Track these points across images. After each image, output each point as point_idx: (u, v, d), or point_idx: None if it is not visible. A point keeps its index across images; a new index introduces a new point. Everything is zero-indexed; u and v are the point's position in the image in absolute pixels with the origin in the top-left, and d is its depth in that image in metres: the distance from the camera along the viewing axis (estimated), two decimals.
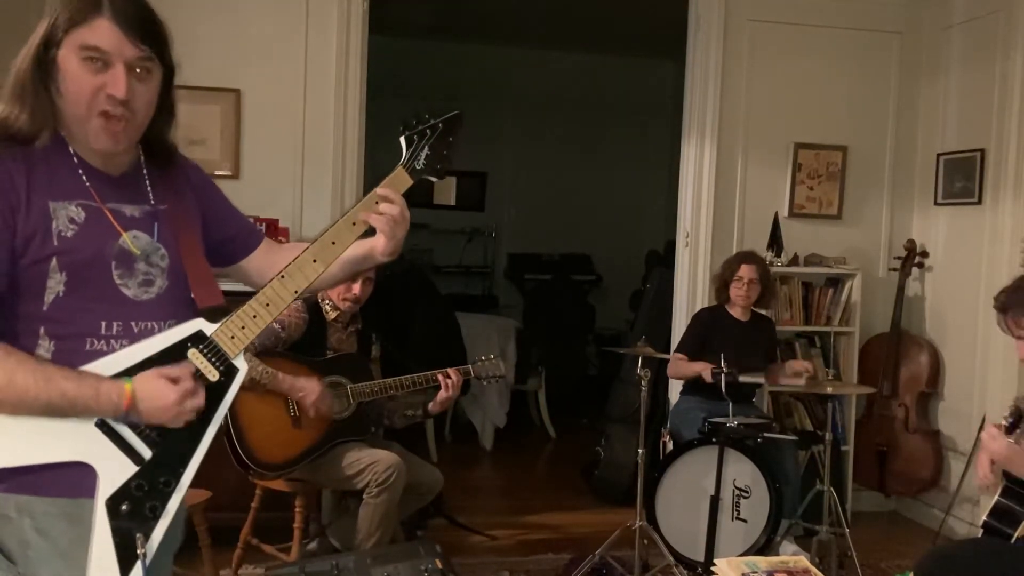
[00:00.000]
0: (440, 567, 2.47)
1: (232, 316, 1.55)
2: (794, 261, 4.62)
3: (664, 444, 3.87)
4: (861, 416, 4.71)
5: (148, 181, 1.60)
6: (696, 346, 4.01)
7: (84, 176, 1.51)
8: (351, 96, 4.23)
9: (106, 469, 1.45)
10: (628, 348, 4.08)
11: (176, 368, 1.48)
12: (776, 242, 4.58)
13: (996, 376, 4.19)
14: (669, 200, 6.00)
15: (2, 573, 1.44)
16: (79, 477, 1.44)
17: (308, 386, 3.08)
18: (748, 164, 4.66)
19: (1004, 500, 2.51)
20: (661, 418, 4.54)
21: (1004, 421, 2.36)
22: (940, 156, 4.63)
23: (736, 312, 4.07)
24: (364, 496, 3.13)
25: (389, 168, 1.69)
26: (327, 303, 3.33)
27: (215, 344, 1.53)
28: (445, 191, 8.08)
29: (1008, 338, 2.51)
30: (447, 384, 3.28)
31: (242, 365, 1.56)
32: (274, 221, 4.06)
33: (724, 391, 3.61)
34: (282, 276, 1.59)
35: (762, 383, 3.79)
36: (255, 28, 4.16)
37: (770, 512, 3.61)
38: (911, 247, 4.64)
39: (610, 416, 5.10)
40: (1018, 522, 2.47)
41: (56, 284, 1.46)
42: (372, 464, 3.13)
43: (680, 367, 4.00)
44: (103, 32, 1.43)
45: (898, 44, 4.77)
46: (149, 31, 1.48)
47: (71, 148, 1.51)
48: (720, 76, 4.57)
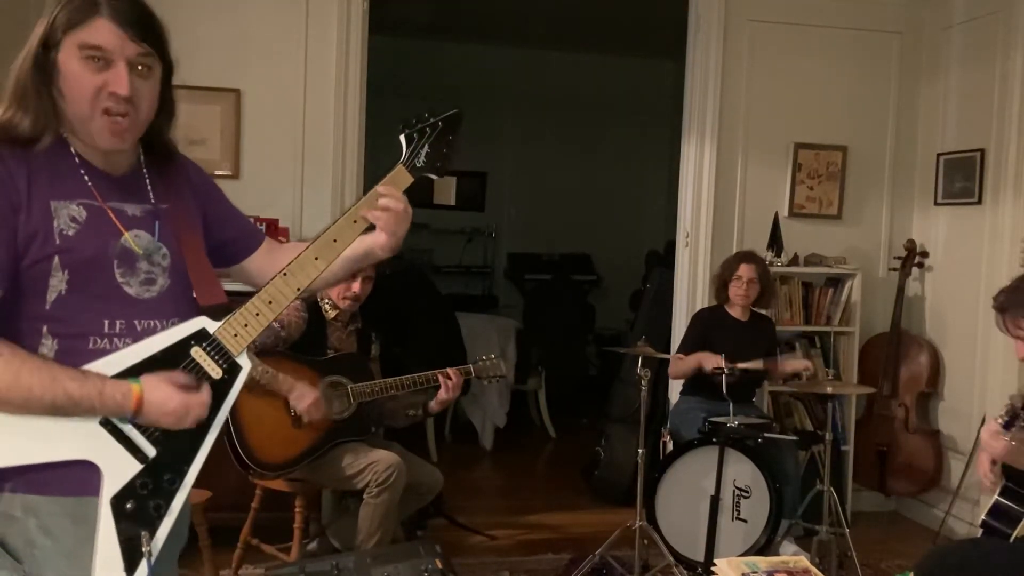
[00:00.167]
0: (440, 567, 2.47)
1: (235, 314, 1.55)
2: (794, 261, 4.62)
3: (664, 444, 3.88)
4: (861, 416, 4.71)
5: (149, 180, 1.60)
6: (696, 346, 4.01)
7: (85, 175, 1.51)
8: (351, 96, 4.23)
9: (111, 468, 1.45)
10: (628, 348, 4.08)
11: (185, 376, 1.49)
12: (776, 242, 4.58)
13: (996, 376, 4.19)
14: (669, 200, 6.00)
15: (8, 573, 1.44)
16: (84, 476, 1.44)
17: (304, 392, 3.07)
18: (748, 164, 4.66)
19: (1003, 499, 2.52)
20: (661, 418, 4.54)
21: (1000, 419, 2.36)
22: (940, 156, 4.64)
23: (736, 312, 4.07)
24: (364, 496, 3.13)
25: (389, 168, 1.70)
26: (326, 302, 3.34)
27: (218, 342, 1.53)
28: (445, 191, 8.07)
29: (1008, 338, 2.51)
30: (447, 385, 3.28)
31: (245, 363, 1.56)
32: (274, 221, 4.06)
33: (724, 391, 3.62)
34: (284, 274, 1.59)
35: (760, 368, 3.78)
36: (255, 28, 4.16)
37: (770, 512, 3.61)
38: (911, 247, 4.64)
39: (610, 416, 5.09)
40: (1017, 521, 2.47)
41: (58, 283, 1.46)
42: (372, 464, 3.13)
43: (680, 365, 4.00)
44: (103, 31, 1.43)
45: (898, 44, 4.77)
46: (148, 28, 1.48)
47: (72, 148, 1.51)
48: (720, 76, 4.57)
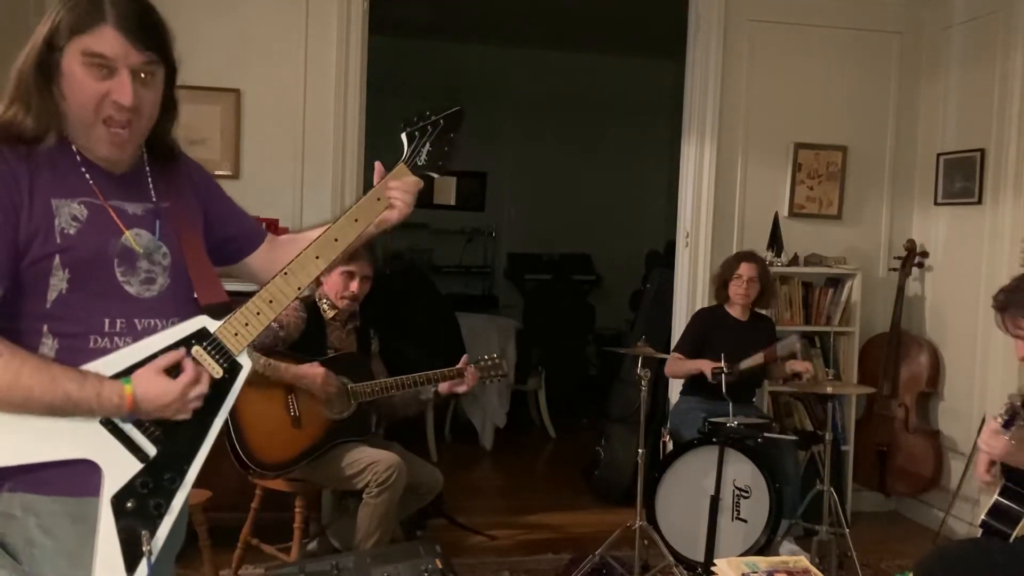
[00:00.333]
0: (440, 567, 2.46)
1: (235, 313, 1.55)
2: (794, 261, 4.62)
3: (664, 444, 3.87)
4: (861, 416, 4.71)
5: (150, 179, 1.60)
6: (695, 346, 4.01)
7: (87, 174, 1.50)
8: (351, 96, 4.23)
9: (111, 467, 1.45)
10: (628, 348, 4.08)
11: (169, 356, 1.47)
12: (776, 242, 4.58)
13: (996, 376, 4.19)
14: (669, 200, 6.00)
15: (8, 572, 1.44)
16: (84, 475, 1.44)
17: (311, 371, 3.11)
18: (748, 164, 4.66)
19: (1003, 499, 2.51)
20: (661, 418, 4.53)
21: (999, 418, 2.35)
22: (940, 156, 4.64)
23: (735, 312, 4.07)
24: (364, 496, 3.13)
25: (390, 168, 1.71)
26: (324, 302, 3.34)
27: (219, 341, 1.53)
28: (445, 191, 8.06)
29: (1008, 338, 2.51)
30: (468, 381, 3.29)
31: (246, 362, 1.56)
32: (274, 221, 4.05)
33: (724, 391, 3.62)
34: (285, 273, 1.59)
35: (760, 362, 3.78)
36: (255, 28, 4.16)
37: (770, 512, 3.61)
38: (911, 247, 4.64)
39: (610, 416, 5.09)
40: (1016, 521, 2.47)
41: (59, 282, 1.45)
42: (372, 464, 3.13)
43: (677, 366, 4.00)
44: (108, 39, 1.42)
45: (898, 44, 4.77)
46: (153, 34, 1.47)
47: (74, 146, 1.50)
48: (720, 76, 4.57)
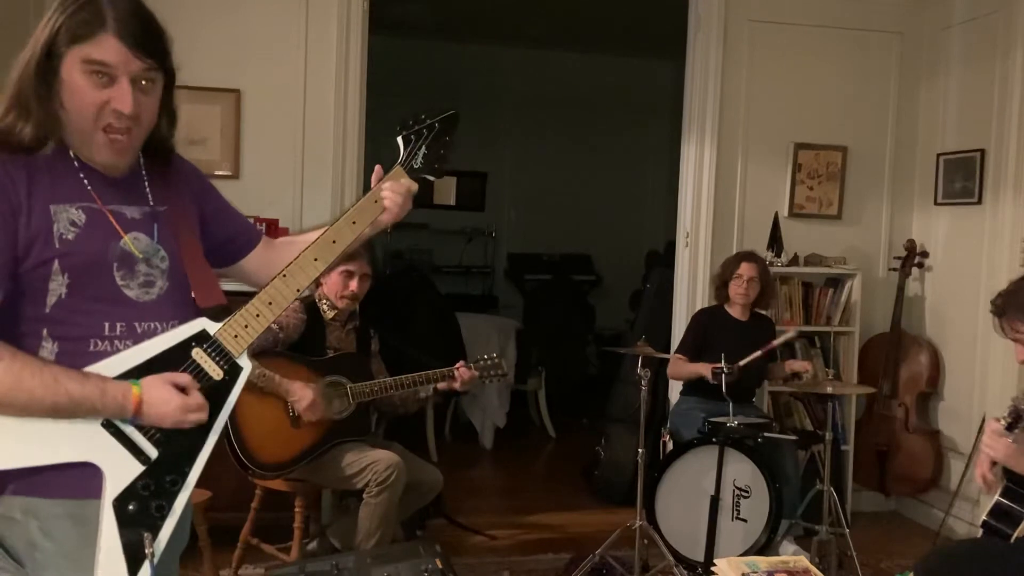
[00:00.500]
0: (440, 567, 2.46)
1: (235, 315, 1.56)
2: (794, 261, 4.62)
3: (664, 444, 3.88)
4: (861, 416, 4.71)
5: (147, 183, 1.60)
6: (696, 346, 4.01)
7: (85, 178, 1.50)
8: (351, 96, 4.23)
9: (113, 469, 1.45)
10: (628, 348, 4.08)
11: (184, 378, 1.49)
12: (776, 242, 4.58)
13: (996, 376, 4.19)
14: (669, 200, 5.99)
15: (10, 575, 1.44)
16: (85, 478, 1.44)
17: (301, 394, 3.10)
18: (748, 164, 4.66)
19: (1004, 500, 2.51)
20: (661, 418, 4.53)
21: (1003, 420, 2.35)
22: (940, 156, 4.63)
23: (735, 312, 4.07)
24: (364, 496, 3.13)
25: (388, 169, 1.71)
26: (324, 302, 3.34)
27: (219, 343, 1.54)
28: (445, 191, 8.07)
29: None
30: (461, 381, 3.29)
31: (246, 364, 1.56)
32: (274, 221, 4.06)
33: (724, 391, 3.62)
34: (284, 275, 1.60)
35: (759, 357, 3.78)
36: (255, 28, 4.16)
37: (770, 512, 3.61)
38: (911, 247, 4.64)
39: (610, 416, 5.09)
40: (1018, 522, 2.47)
41: (58, 286, 1.46)
42: (372, 464, 3.13)
43: (679, 368, 4.00)
44: (108, 48, 1.42)
45: (898, 44, 4.77)
46: (153, 43, 1.47)
47: (71, 151, 1.50)
48: (720, 76, 4.57)
